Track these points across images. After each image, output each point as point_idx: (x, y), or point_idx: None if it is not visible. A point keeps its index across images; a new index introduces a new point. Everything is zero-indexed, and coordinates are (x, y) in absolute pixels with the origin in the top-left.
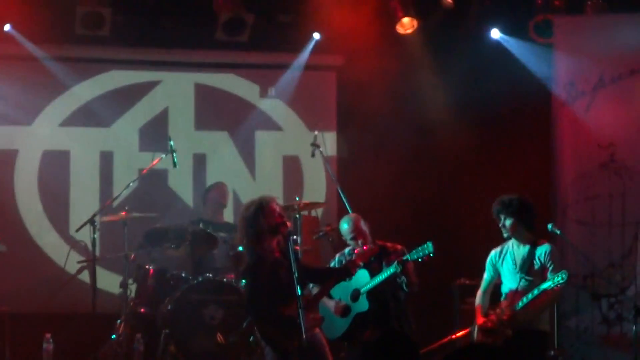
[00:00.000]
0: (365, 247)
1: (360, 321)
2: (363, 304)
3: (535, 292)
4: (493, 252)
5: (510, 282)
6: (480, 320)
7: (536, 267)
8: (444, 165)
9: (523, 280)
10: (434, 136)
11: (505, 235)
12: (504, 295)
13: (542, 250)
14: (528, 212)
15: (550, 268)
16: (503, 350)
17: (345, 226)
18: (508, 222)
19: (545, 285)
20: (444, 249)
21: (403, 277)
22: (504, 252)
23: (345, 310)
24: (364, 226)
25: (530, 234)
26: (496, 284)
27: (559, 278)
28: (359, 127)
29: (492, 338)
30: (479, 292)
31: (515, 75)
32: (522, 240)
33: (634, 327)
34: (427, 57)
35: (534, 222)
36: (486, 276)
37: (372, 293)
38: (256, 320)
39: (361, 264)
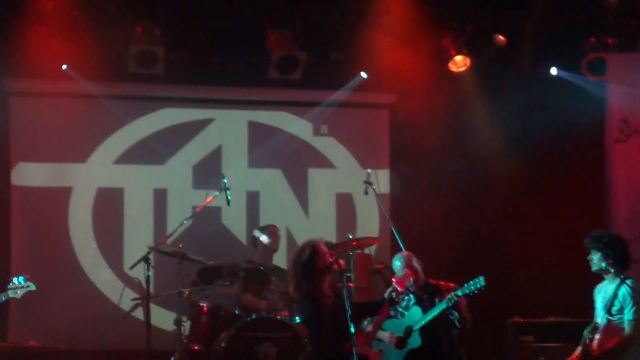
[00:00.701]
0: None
1: (413, 358)
2: (416, 341)
3: None
4: (596, 287)
5: (597, 320)
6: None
7: (616, 307)
8: (497, 203)
9: (605, 319)
10: (486, 173)
11: (593, 269)
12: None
13: (624, 289)
14: (616, 248)
15: (628, 308)
16: None
17: (397, 263)
18: (594, 257)
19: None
20: (498, 286)
21: (455, 313)
22: (599, 287)
23: (399, 342)
24: (416, 264)
25: (619, 271)
26: None
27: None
28: (412, 165)
29: None
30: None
31: (568, 113)
32: (610, 277)
33: None
34: (479, 95)
35: (624, 259)
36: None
37: (424, 330)
38: None
39: (404, 289)
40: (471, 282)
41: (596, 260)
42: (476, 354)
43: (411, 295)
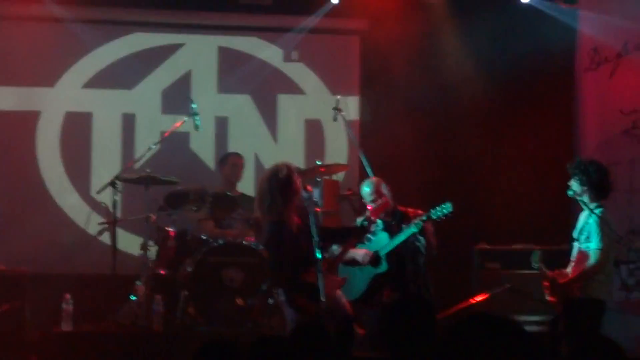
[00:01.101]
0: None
1: (378, 283)
2: (382, 266)
3: None
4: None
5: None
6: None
7: (584, 235)
8: (467, 130)
9: (576, 247)
10: (456, 100)
11: (568, 194)
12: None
13: (593, 217)
14: (593, 175)
15: (594, 237)
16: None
17: (366, 189)
18: (573, 183)
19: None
20: (465, 212)
21: (421, 239)
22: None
23: (374, 259)
24: (384, 190)
25: (592, 199)
26: None
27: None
28: (382, 92)
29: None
30: None
31: (539, 40)
32: (584, 205)
33: None
34: (450, 21)
35: (600, 187)
36: None
37: (391, 255)
38: (281, 288)
39: (377, 219)
40: (438, 207)
41: (573, 186)
42: (442, 280)
43: (379, 221)
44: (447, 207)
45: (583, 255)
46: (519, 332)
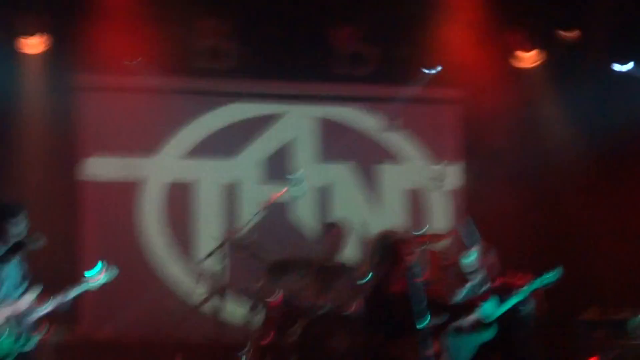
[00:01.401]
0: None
1: (488, 348)
2: (489, 332)
3: None
4: None
5: None
6: None
7: None
8: (568, 198)
9: None
10: (557, 167)
11: None
12: None
13: None
14: None
15: None
16: None
17: (472, 258)
18: None
19: None
20: (570, 280)
21: (528, 307)
22: None
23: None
24: (490, 256)
25: None
26: None
27: None
28: (484, 160)
29: None
30: None
31: (636, 107)
32: None
33: None
34: (548, 89)
35: None
36: None
37: (499, 320)
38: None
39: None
40: (547, 274)
41: None
42: (550, 347)
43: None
44: (556, 274)
45: None
46: None
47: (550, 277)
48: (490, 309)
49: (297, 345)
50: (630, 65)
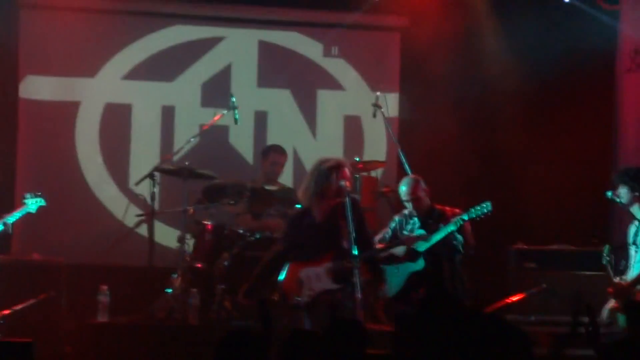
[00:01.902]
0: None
1: (415, 281)
2: (418, 263)
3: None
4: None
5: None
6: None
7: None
8: (505, 129)
9: (632, 251)
10: (495, 98)
11: (621, 202)
12: None
13: None
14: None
15: None
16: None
17: (403, 188)
18: (622, 191)
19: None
20: (503, 211)
21: (459, 238)
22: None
23: (413, 254)
24: (422, 189)
25: None
26: None
27: None
28: (422, 89)
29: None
30: None
31: (580, 39)
32: (636, 209)
33: None
34: (491, 18)
35: None
36: None
37: (428, 253)
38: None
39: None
40: (477, 206)
41: (623, 193)
42: (478, 279)
43: (415, 219)
44: (486, 207)
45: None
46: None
47: (479, 210)
48: (419, 241)
49: (228, 270)
50: None
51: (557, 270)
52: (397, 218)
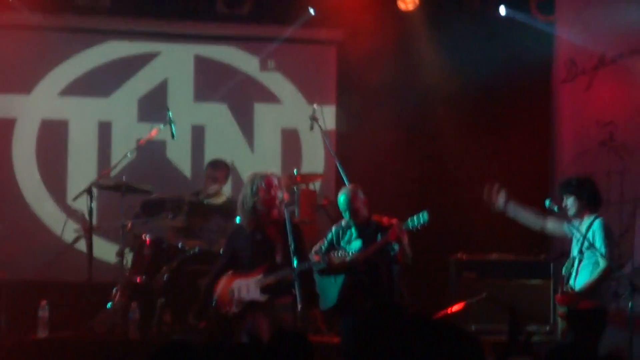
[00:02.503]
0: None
1: (351, 290)
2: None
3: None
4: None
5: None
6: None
7: (586, 245)
8: (443, 140)
9: (577, 258)
10: (433, 111)
11: (570, 213)
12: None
13: (595, 225)
14: (587, 188)
15: (599, 243)
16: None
17: (341, 198)
18: (569, 201)
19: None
20: (441, 223)
21: (396, 248)
22: (570, 226)
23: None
24: (360, 199)
25: (592, 211)
26: None
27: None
28: (358, 102)
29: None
30: None
31: (516, 51)
32: (586, 216)
33: (630, 304)
34: (427, 31)
35: (596, 198)
36: None
37: (365, 263)
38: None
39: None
40: (415, 216)
41: (570, 204)
42: (419, 289)
43: (353, 229)
44: (423, 217)
45: (586, 264)
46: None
47: (416, 220)
48: (356, 250)
49: (167, 284)
50: (502, 9)
51: (497, 279)
52: (334, 228)
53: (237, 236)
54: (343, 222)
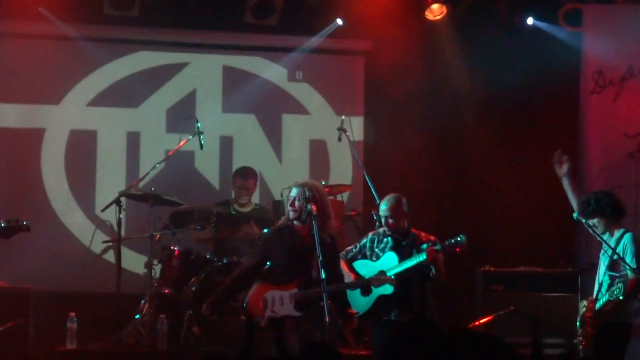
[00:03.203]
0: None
1: (383, 304)
2: (387, 287)
3: (603, 300)
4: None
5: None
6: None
7: (615, 258)
8: (472, 152)
9: (607, 275)
10: (461, 122)
11: (600, 232)
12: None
13: (623, 240)
14: (609, 203)
15: (629, 257)
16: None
17: (384, 205)
18: (595, 220)
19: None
20: (470, 234)
21: (431, 266)
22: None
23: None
24: (403, 209)
25: (618, 227)
26: None
27: (617, 291)
28: (387, 112)
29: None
30: None
31: (544, 62)
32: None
33: None
34: (456, 44)
35: (618, 211)
36: None
37: (398, 277)
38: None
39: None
40: (452, 239)
41: (597, 223)
42: (447, 302)
43: (389, 238)
44: (460, 239)
45: (614, 277)
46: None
47: (453, 242)
48: (391, 264)
49: (196, 295)
50: (530, 20)
51: (524, 292)
52: (370, 235)
53: (274, 240)
54: (381, 230)
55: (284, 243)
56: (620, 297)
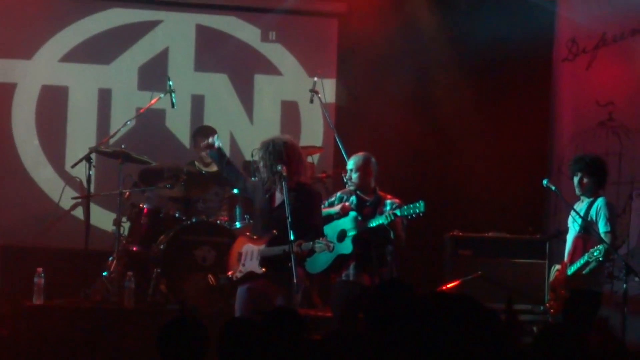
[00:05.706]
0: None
1: (342, 263)
2: (347, 247)
3: (582, 261)
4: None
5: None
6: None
7: (586, 221)
8: (443, 116)
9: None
10: (433, 86)
11: (577, 192)
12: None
13: (596, 203)
14: (598, 167)
15: (602, 222)
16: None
17: (352, 161)
18: (576, 178)
19: (585, 258)
20: (439, 199)
21: (390, 230)
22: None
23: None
24: (372, 167)
25: (596, 191)
26: None
27: (597, 252)
28: (359, 75)
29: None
30: None
31: (518, 28)
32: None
33: (624, 286)
34: (429, 5)
35: (604, 181)
36: None
37: (357, 238)
38: None
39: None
40: (411, 205)
41: (578, 181)
42: (414, 267)
43: (354, 197)
44: (419, 207)
45: (580, 242)
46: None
47: (413, 209)
48: (352, 222)
49: (164, 253)
50: None
51: (492, 257)
52: (339, 194)
53: (258, 193)
54: (349, 189)
55: (265, 195)
56: (601, 259)
